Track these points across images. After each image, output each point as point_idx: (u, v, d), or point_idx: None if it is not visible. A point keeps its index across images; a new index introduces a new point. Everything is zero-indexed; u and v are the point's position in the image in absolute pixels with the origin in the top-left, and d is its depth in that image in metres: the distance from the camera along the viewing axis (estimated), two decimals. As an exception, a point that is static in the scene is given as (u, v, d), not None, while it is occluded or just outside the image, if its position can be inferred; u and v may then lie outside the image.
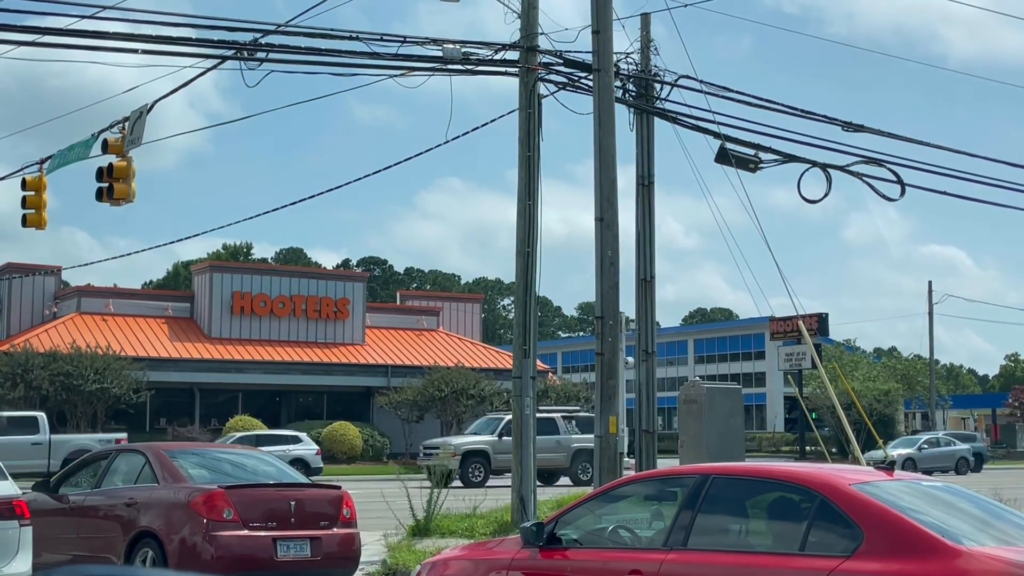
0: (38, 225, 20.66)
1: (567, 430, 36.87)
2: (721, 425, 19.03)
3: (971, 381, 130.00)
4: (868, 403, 50.73)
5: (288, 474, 13.65)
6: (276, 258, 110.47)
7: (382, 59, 17.16)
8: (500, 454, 34.34)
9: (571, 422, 37.35)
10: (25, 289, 49.71)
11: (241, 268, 59.61)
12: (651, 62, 20.10)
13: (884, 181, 19.34)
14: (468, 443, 36.26)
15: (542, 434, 35.30)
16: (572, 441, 36.42)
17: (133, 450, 13.97)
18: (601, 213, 16.49)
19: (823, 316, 38.66)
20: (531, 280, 17.78)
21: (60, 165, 20.00)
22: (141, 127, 18.44)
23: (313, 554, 12.43)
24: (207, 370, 48.49)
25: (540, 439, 34.89)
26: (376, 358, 52.82)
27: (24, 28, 16.57)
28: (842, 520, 6.88)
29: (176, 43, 17.20)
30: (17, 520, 10.62)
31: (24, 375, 41.02)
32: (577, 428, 36.95)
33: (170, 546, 12.02)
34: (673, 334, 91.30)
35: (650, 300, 20.48)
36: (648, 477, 9.74)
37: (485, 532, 17.04)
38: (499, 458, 34.49)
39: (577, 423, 37.33)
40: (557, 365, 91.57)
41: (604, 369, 16.37)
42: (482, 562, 8.73)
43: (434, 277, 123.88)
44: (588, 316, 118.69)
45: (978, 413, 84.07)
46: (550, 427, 36.06)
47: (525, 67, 17.78)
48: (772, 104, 19.26)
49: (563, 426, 36.94)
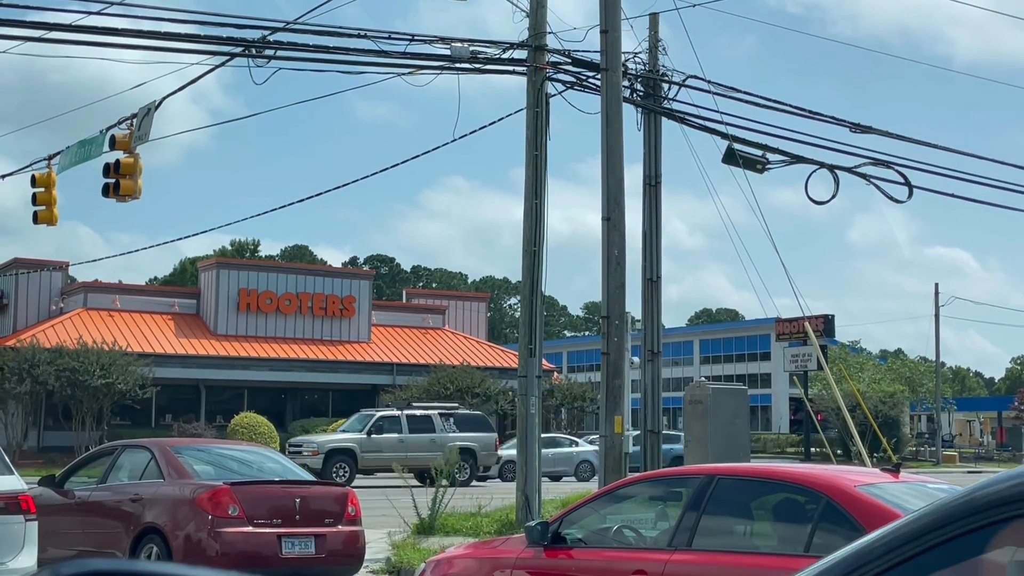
0: (49, 221, 20.69)
1: (444, 428, 35.47)
2: (726, 426, 19.02)
3: (977, 384, 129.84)
4: (873, 405, 50.62)
5: (293, 471, 13.67)
6: (281, 255, 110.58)
7: (390, 57, 17.18)
8: (369, 453, 33.59)
9: (449, 420, 35.99)
10: (32, 284, 49.77)
11: (248, 265, 59.66)
12: (659, 62, 20.11)
13: (892, 183, 19.34)
14: (332, 441, 34.89)
15: (417, 432, 34.84)
16: (448, 440, 33.95)
17: (139, 446, 13.99)
18: (608, 213, 16.49)
19: (829, 317, 38.60)
20: (537, 279, 17.78)
21: (72, 163, 20.01)
22: (149, 124, 18.47)
23: (318, 551, 12.44)
24: (213, 367, 48.53)
25: (414, 437, 34.71)
26: (382, 356, 52.84)
27: (31, 24, 16.63)
28: (847, 522, 6.87)
29: (184, 40, 17.23)
30: (23, 515, 10.64)
31: (30, 370, 41.09)
32: (455, 426, 35.72)
33: (175, 542, 12.04)
34: (679, 334, 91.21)
35: (656, 300, 20.48)
36: (653, 477, 9.74)
37: (490, 531, 17.04)
38: (367, 457, 33.70)
39: (456, 421, 36.07)
40: (562, 364, 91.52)
41: (610, 369, 16.36)
42: (487, 561, 8.73)
43: (440, 276, 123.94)
44: (594, 316, 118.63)
45: (984, 416, 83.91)
46: (426, 424, 35.21)
47: (533, 66, 17.78)
48: (779, 105, 19.27)
49: (440, 424, 35.58)
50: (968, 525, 2.36)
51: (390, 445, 34.03)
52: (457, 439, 34.36)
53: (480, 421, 37.62)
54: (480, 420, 37.79)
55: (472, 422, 36.88)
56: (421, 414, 35.66)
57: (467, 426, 36.26)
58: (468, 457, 34.81)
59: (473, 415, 38.02)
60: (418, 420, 35.52)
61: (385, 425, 34.98)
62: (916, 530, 2.42)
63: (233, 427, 42.87)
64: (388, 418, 35.46)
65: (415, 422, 35.34)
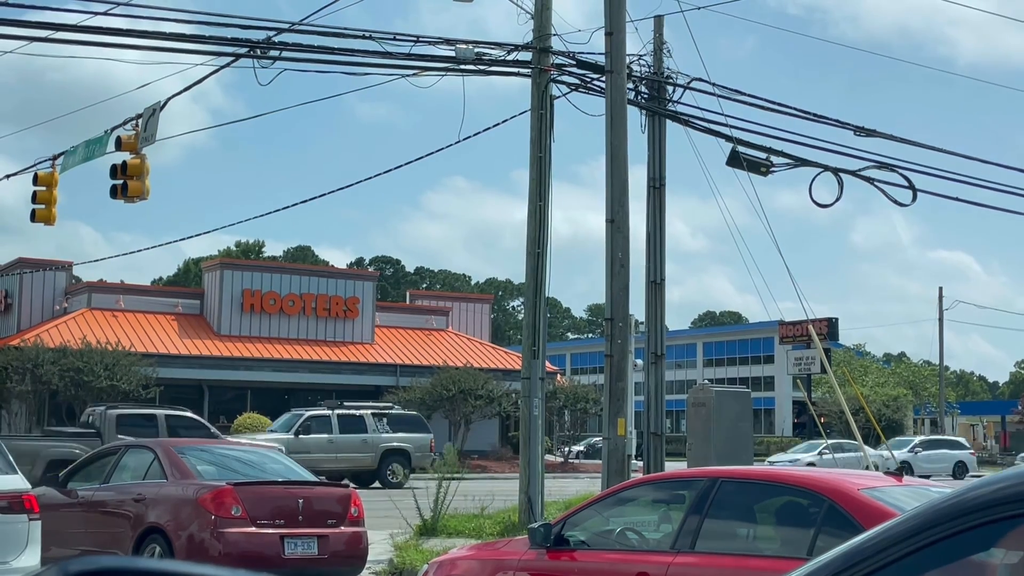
0: (47, 220, 20.72)
1: (377, 428, 34.50)
2: (729, 428, 19.02)
3: (981, 387, 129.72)
4: (877, 408, 50.62)
5: (296, 472, 13.68)
6: (285, 256, 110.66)
7: (395, 59, 17.19)
8: (296, 453, 31.77)
9: (382, 420, 35.01)
10: (36, 284, 49.83)
11: (251, 266, 59.68)
12: (663, 64, 20.11)
13: (896, 186, 19.32)
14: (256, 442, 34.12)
15: (348, 432, 33.73)
16: (381, 441, 33.94)
17: (142, 446, 14.01)
18: (612, 215, 16.49)
19: (833, 320, 38.61)
20: (541, 281, 17.78)
21: (76, 163, 20.05)
22: (155, 125, 18.49)
23: (320, 552, 12.45)
24: (216, 367, 48.56)
25: (346, 438, 33.76)
26: (385, 357, 52.85)
27: (32, 24, 16.64)
28: (851, 525, 6.86)
29: (189, 40, 17.26)
30: (26, 514, 10.65)
31: (34, 370, 41.12)
32: (388, 427, 34.77)
33: (178, 542, 12.05)
34: (682, 337, 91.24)
35: (660, 302, 20.48)
36: (656, 480, 9.74)
37: (493, 532, 17.05)
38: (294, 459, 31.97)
39: (389, 421, 35.12)
40: (566, 367, 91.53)
41: (613, 371, 16.36)
42: (489, 562, 8.73)
43: (444, 277, 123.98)
44: (597, 318, 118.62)
45: (987, 420, 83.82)
46: (358, 425, 34.22)
47: (538, 68, 17.79)
48: (783, 107, 19.26)
49: (372, 424, 34.58)
50: (957, 527, 2.39)
51: (319, 446, 33.10)
52: (390, 440, 33.69)
53: (415, 421, 36.51)
54: (415, 420, 36.67)
55: (407, 422, 35.85)
56: (353, 414, 34.49)
57: (401, 426, 35.20)
58: (402, 458, 34.06)
59: (408, 415, 36.96)
60: (349, 420, 34.30)
61: (314, 425, 33.87)
62: (906, 531, 2.45)
63: (236, 428, 42.89)
64: (317, 418, 34.32)
65: (346, 422, 34.21)
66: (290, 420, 34.69)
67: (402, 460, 34.18)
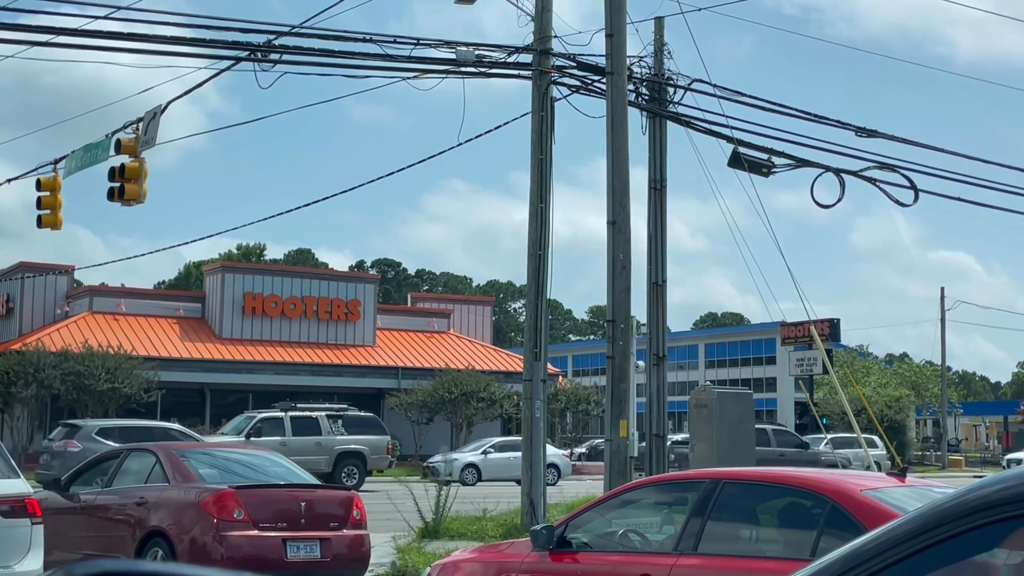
0: (53, 225, 20.73)
1: (331, 430, 33.79)
2: (732, 430, 19.01)
3: (983, 388, 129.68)
4: (879, 409, 50.59)
5: (298, 475, 13.67)
6: (286, 259, 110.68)
7: (396, 61, 17.19)
8: None
9: (337, 422, 34.24)
10: (38, 288, 49.86)
11: (253, 269, 59.71)
12: (664, 66, 20.10)
13: (897, 187, 19.30)
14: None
15: (302, 434, 33.02)
16: (335, 443, 33.19)
17: (144, 450, 14.00)
18: (613, 216, 16.48)
19: (835, 321, 38.56)
20: (542, 283, 17.78)
21: (78, 168, 20.05)
22: (155, 128, 18.49)
23: (323, 555, 12.44)
24: (218, 370, 48.58)
25: (299, 440, 33.01)
26: (387, 360, 52.87)
27: (30, 28, 16.62)
28: (853, 526, 6.85)
29: (189, 44, 17.25)
30: (29, 518, 10.65)
31: (36, 374, 41.15)
32: (343, 428, 34.07)
33: (180, 546, 12.04)
34: (684, 338, 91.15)
35: (661, 304, 20.47)
36: (659, 481, 9.73)
37: (495, 535, 17.03)
38: None
39: (344, 423, 34.38)
40: (568, 368, 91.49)
41: (615, 373, 16.35)
42: (492, 564, 8.72)
43: (445, 280, 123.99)
44: (599, 319, 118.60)
45: (990, 420, 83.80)
46: (312, 427, 33.55)
47: (538, 70, 17.79)
48: (784, 108, 19.24)
49: (326, 426, 33.86)
50: (958, 528, 2.40)
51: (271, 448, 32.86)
52: (345, 442, 33.12)
53: (371, 423, 35.87)
54: (371, 422, 36.03)
55: (362, 424, 35.25)
56: (306, 416, 33.85)
57: (357, 428, 34.62)
58: (357, 461, 33.57)
59: (364, 416, 36.29)
60: (303, 422, 33.61)
61: (266, 428, 33.08)
62: (907, 532, 2.46)
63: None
64: (270, 420, 33.59)
65: (300, 424, 33.56)
66: (242, 423, 33.90)
67: (357, 462, 33.67)
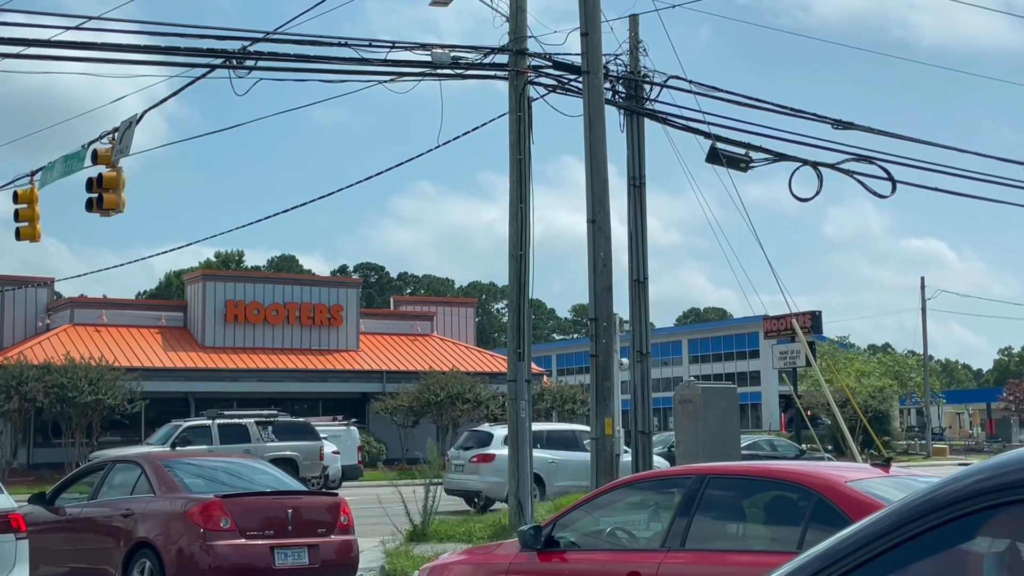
0: (32, 237, 20.66)
1: (261, 438, 32.85)
2: (717, 425, 19.04)
3: (965, 376, 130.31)
4: (863, 400, 50.73)
5: (285, 482, 13.65)
6: (268, 266, 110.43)
7: (372, 65, 17.17)
8: None
9: (267, 428, 33.30)
10: (18, 301, 49.58)
11: (234, 276, 59.54)
12: (640, 63, 20.12)
13: (875, 178, 19.37)
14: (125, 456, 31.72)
15: (230, 442, 31.85)
16: (265, 450, 31.55)
17: (129, 461, 13.96)
18: (593, 215, 16.50)
19: (816, 314, 38.64)
20: (524, 283, 17.77)
21: (55, 178, 19.97)
22: (130, 137, 18.42)
23: (311, 562, 12.42)
24: (202, 379, 48.41)
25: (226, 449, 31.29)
26: (371, 364, 52.78)
27: (9, 40, 16.53)
28: (839, 518, 6.88)
29: (161, 52, 17.20)
30: (13, 533, 10.60)
31: (18, 387, 40.91)
32: (274, 435, 33.16)
33: (168, 556, 12.00)
34: (667, 335, 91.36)
35: (643, 301, 20.48)
36: (645, 478, 9.74)
37: (483, 536, 17.04)
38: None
39: (274, 429, 33.40)
40: (552, 368, 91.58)
41: (599, 371, 16.37)
42: (481, 566, 8.73)
43: (428, 282, 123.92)
44: (582, 318, 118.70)
45: (973, 408, 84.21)
46: (240, 434, 32.57)
47: (515, 70, 17.78)
48: (761, 103, 19.29)
49: (256, 433, 32.92)
50: (931, 522, 2.43)
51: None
52: (276, 449, 32.33)
53: (303, 429, 34.76)
54: (303, 428, 34.79)
55: (294, 430, 34.28)
56: (235, 423, 32.97)
57: (288, 435, 33.71)
58: (289, 468, 31.83)
59: (295, 423, 35.22)
60: (231, 430, 32.72)
61: (192, 437, 32.11)
62: (881, 529, 2.49)
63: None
64: (196, 428, 32.69)
65: (227, 432, 32.66)
66: (168, 432, 32.98)
67: (289, 470, 33.19)
